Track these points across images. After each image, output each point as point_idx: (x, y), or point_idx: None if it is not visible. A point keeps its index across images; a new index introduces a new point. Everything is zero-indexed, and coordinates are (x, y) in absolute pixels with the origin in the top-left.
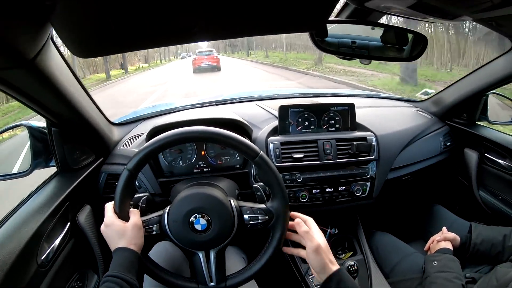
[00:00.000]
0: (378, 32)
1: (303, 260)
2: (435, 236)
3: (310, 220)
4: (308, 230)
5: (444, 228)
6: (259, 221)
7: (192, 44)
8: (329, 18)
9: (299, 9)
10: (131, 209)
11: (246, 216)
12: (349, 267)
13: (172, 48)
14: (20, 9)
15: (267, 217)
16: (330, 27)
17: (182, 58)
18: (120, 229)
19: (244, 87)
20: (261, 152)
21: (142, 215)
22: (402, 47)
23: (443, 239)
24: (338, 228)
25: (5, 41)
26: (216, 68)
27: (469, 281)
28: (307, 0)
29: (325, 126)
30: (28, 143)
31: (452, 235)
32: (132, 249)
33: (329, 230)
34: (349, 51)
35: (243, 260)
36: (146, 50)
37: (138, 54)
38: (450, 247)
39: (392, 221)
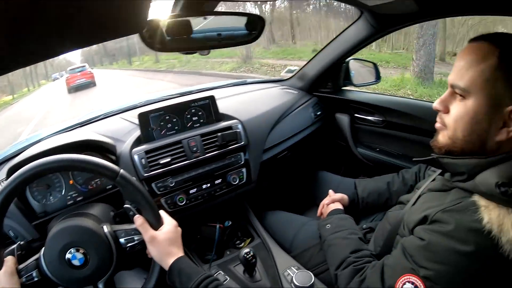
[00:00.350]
0: (240, 18)
1: (203, 260)
2: (324, 200)
3: (161, 212)
4: (142, 222)
5: (330, 191)
6: (135, 242)
7: (64, 61)
8: (167, 15)
9: (110, 14)
10: (5, 258)
11: (122, 240)
12: (245, 255)
13: (41, 70)
14: None
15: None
16: (197, 27)
17: (54, 80)
18: None
19: (123, 98)
20: (121, 170)
21: (20, 263)
22: (260, 32)
23: (331, 201)
24: (231, 219)
25: None
26: (91, 83)
27: (368, 231)
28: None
29: (190, 124)
30: None
31: (339, 195)
32: None
33: (218, 225)
34: (215, 43)
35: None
36: (7, 80)
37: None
38: (340, 206)
39: (283, 197)
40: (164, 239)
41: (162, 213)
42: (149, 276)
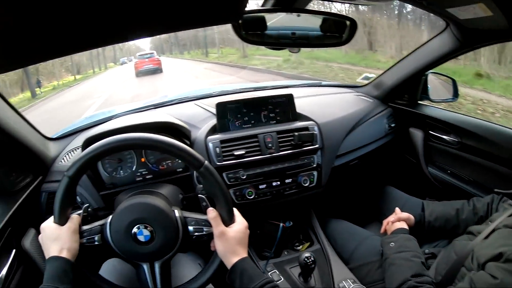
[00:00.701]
0: (316, 18)
1: (260, 257)
2: (389, 217)
3: (234, 210)
4: (216, 216)
5: (397, 208)
6: (204, 232)
7: (134, 47)
8: (255, 8)
9: (212, 1)
10: (71, 215)
11: (190, 228)
12: (305, 259)
13: (110, 53)
14: None
15: (212, 229)
16: (271, 22)
17: (122, 64)
18: (53, 232)
19: (188, 86)
20: (206, 161)
21: (84, 224)
22: (341, 34)
23: (397, 220)
24: (292, 220)
25: None
26: (158, 70)
27: (429, 257)
28: None
29: (266, 120)
30: None
31: (405, 215)
32: (64, 257)
33: (281, 224)
34: (289, 42)
35: (199, 266)
36: (71, 59)
37: (64, 64)
38: (406, 226)
39: (346, 207)
40: (233, 237)
41: (235, 211)
42: (206, 267)
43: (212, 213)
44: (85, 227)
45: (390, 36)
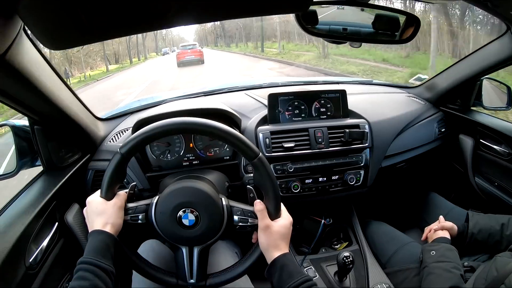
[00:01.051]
0: (369, 15)
1: (297, 252)
2: (432, 225)
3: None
4: (263, 209)
5: (441, 217)
6: (248, 223)
7: (177, 37)
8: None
9: None
10: (118, 192)
11: (236, 217)
12: (344, 258)
13: (151, 43)
14: None
15: (257, 221)
16: (321, 16)
17: (164, 54)
18: (99, 206)
19: (233, 77)
20: (261, 154)
21: (129, 202)
22: (394, 33)
23: (440, 228)
24: (332, 218)
25: None
26: (200, 61)
27: (468, 270)
28: None
29: (316, 114)
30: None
31: (449, 224)
32: (107, 231)
33: (323, 221)
34: (340, 36)
35: (236, 255)
36: (104, 47)
37: (99, 53)
38: (448, 236)
39: (388, 210)
40: (277, 231)
41: (282, 206)
42: (245, 258)
43: (259, 206)
44: (130, 205)
45: None
